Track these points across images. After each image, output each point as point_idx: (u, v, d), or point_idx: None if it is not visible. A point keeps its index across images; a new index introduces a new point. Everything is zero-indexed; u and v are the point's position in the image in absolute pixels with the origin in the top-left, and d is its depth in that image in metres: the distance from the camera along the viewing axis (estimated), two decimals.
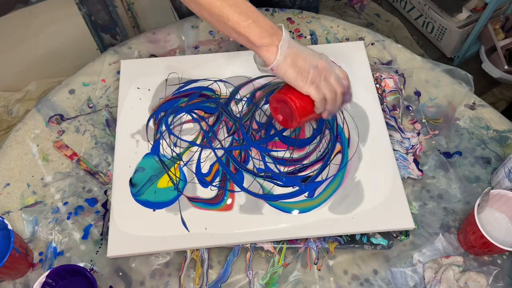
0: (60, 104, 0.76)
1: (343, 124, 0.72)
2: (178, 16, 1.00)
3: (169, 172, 0.67)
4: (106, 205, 0.66)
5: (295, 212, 0.63)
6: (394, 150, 0.70)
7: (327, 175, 0.67)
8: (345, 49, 0.80)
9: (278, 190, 0.65)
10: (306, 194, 0.65)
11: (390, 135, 0.71)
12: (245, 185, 0.66)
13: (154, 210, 0.64)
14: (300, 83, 0.58)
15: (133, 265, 0.62)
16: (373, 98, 0.74)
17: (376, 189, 0.65)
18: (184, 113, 0.73)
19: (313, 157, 0.69)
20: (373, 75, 0.77)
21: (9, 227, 0.57)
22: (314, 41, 0.84)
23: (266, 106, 0.74)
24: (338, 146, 0.69)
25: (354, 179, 0.66)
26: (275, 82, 0.76)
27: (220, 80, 0.76)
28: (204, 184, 0.66)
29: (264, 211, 0.63)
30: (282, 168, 0.67)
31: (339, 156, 0.69)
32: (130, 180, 0.66)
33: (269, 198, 0.65)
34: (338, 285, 0.60)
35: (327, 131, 0.71)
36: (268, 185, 0.66)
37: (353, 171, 0.67)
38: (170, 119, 0.72)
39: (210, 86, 0.76)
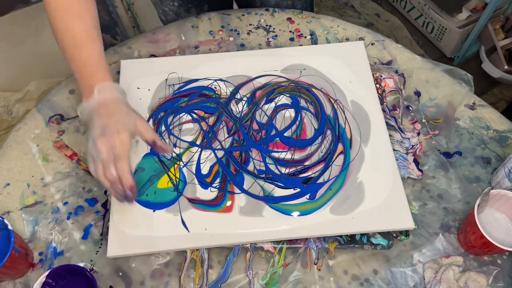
0: (60, 104, 0.76)
1: (344, 124, 0.72)
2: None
3: (169, 173, 0.67)
4: (106, 205, 0.66)
5: (296, 214, 0.63)
6: (394, 150, 0.70)
7: (329, 176, 0.67)
8: (345, 49, 0.80)
9: (279, 192, 0.65)
10: (307, 196, 0.65)
11: (390, 135, 0.71)
12: (245, 186, 0.66)
13: (154, 211, 0.64)
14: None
15: (133, 265, 0.62)
16: (373, 98, 0.74)
17: (376, 189, 0.65)
18: (184, 113, 0.73)
19: (314, 158, 0.68)
20: (373, 75, 0.77)
21: (9, 227, 0.57)
22: (314, 41, 0.84)
23: (267, 106, 0.74)
24: (340, 147, 0.69)
25: (356, 180, 0.66)
26: (275, 81, 0.76)
27: (220, 80, 0.76)
28: (204, 185, 0.66)
29: (265, 213, 0.63)
30: (283, 170, 0.67)
31: (341, 157, 0.68)
32: None
33: (269, 200, 0.65)
34: (338, 285, 0.60)
35: (328, 132, 0.71)
36: (268, 186, 0.66)
37: (355, 172, 0.67)
38: (169, 119, 0.72)
39: (210, 86, 0.76)
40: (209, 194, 0.65)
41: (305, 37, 0.84)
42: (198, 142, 0.70)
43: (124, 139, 0.55)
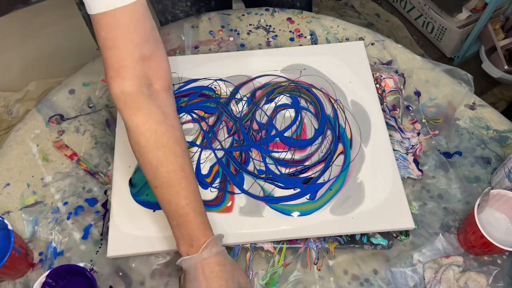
0: (60, 104, 0.76)
1: (345, 124, 0.72)
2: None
3: None
4: (106, 205, 0.66)
5: (296, 214, 0.63)
6: (394, 150, 0.70)
7: (329, 176, 0.67)
8: (345, 49, 0.80)
9: (279, 192, 0.65)
10: (307, 196, 0.65)
11: (390, 135, 0.71)
12: (245, 186, 0.66)
13: (154, 211, 0.64)
14: None
15: (133, 265, 0.62)
16: (373, 98, 0.74)
17: (376, 189, 0.65)
18: (184, 113, 0.73)
19: (314, 158, 0.68)
20: (373, 75, 0.77)
21: (9, 227, 0.57)
22: (314, 41, 0.84)
23: (267, 106, 0.74)
24: (340, 147, 0.69)
25: (356, 180, 0.66)
26: (275, 81, 0.76)
27: (220, 79, 0.76)
28: (204, 185, 0.66)
29: (265, 214, 0.63)
30: (283, 170, 0.67)
31: (341, 157, 0.68)
32: (130, 180, 0.66)
33: (269, 200, 0.64)
34: (338, 285, 0.60)
35: (329, 132, 0.71)
36: (269, 187, 0.66)
37: (355, 172, 0.67)
38: None
39: (210, 86, 0.76)
40: (209, 194, 0.65)
41: (305, 37, 0.84)
42: (198, 142, 0.70)
43: None
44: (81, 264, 0.62)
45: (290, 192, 0.65)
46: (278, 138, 0.70)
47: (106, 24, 0.50)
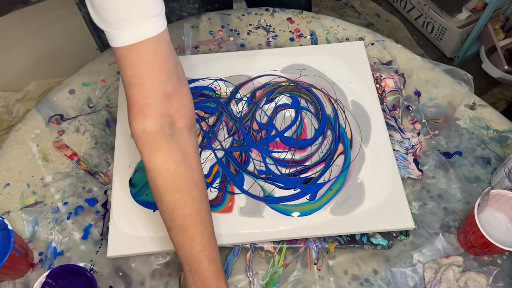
0: (60, 104, 0.76)
1: (345, 124, 0.72)
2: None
3: None
4: (106, 205, 0.66)
5: (296, 214, 0.63)
6: (394, 150, 0.70)
7: (329, 177, 0.67)
8: (345, 49, 0.80)
9: (279, 193, 0.65)
10: (307, 196, 0.65)
11: (390, 135, 0.71)
12: (245, 187, 0.66)
13: (154, 211, 0.64)
14: None
15: (133, 265, 0.62)
16: (373, 98, 0.74)
17: (376, 189, 0.65)
18: None
19: (315, 159, 0.68)
20: (373, 75, 0.77)
21: (9, 227, 0.57)
22: (314, 41, 0.84)
23: (267, 106, 0.74)
24: (340, 147, 0.69)
25: (357, 180, 0.66)
26: (275, 81, 0.76)
27: (220, 79, 0.76)
28: None
29: (265, 214, 0.63)
30: (283, 170, 0.67)
31: (342, 157, 0.68)
32: (130, 180, 0.66)
33: (269, 200, 0.64)
34: (338, 285, 0.60)
35: (329, 132, 0.71)
36: (269, 187, 0.66)
37: (355, 173, 0.67)
38: None
39: (210, 86, 0.76)
40: (209, 194, 0.65)
41: (305, 37, 0.84)
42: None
43: None
44: (81, 264, 0.62)
45: (290, 192, 0.65)
46: (278, 138, 0.70)
47: (130, 61, 0.48)
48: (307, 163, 0.68)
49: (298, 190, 0.65)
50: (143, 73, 0.49)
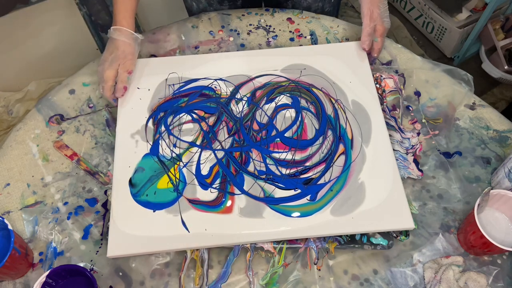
0: (60, 104, 0.76)
1: (345, 124, 0.72)
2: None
3: (169, 173, 0.67)
4: (106, 205, 0.66)
5: (296, 215, 0.63)
6: (394, 150, 0.70)
7: (330, 177, 0.66)
8: (345, 49, 0.80)
9: (280, 193, 0.65)
10: (308, 197, 0.65)
11: (390, 135, 0.71)
12: (245, 187, 0.66)
13: (154, 211, 0.64)
14: None
15: (133, 265, 0.62)
16: (373, 98, 0.74)
17: (376, 189, 0.65)
18: (184, 113, 0.73)
19: (315, 159, 0.68)
20: (373, 75, 0.77)
21: (9, 227, 0.57)
22: (314, 41, 0.84)
23: (267, 106, 0.74)
24: (341, 147, 0.69)
25: (357, 180, 0.66)
26: (275, 81, 0.76)
27: (220, 79, 0.76)
28: (204, 186, 0.66)
29: (265, 215, 0.63)
30: (283, 170, 0.67)
31: (342, 157, 0.68)
32: (130, 180, 0.66)
33: (270, 201, 0.64)
34: (338, 285, 0.60)
35: (329, 132, 0.71)
36: (269, 187, 0.66)
37: (356, 173, 0.67)
38: (169, 120, 0.72)
39: (210, 86, 0.76)
40: (209, 195, 0.65)
41: (305, 37, 0.84)
42: (198, 143, 0.70)
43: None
44: (81, 264, 0.62)
45: (291, 193, 0.65)
46: (278, 139, 0.70)
47: None
48: (307, 164, 0.68)
49: (299, 191, 0.65)
50: None
